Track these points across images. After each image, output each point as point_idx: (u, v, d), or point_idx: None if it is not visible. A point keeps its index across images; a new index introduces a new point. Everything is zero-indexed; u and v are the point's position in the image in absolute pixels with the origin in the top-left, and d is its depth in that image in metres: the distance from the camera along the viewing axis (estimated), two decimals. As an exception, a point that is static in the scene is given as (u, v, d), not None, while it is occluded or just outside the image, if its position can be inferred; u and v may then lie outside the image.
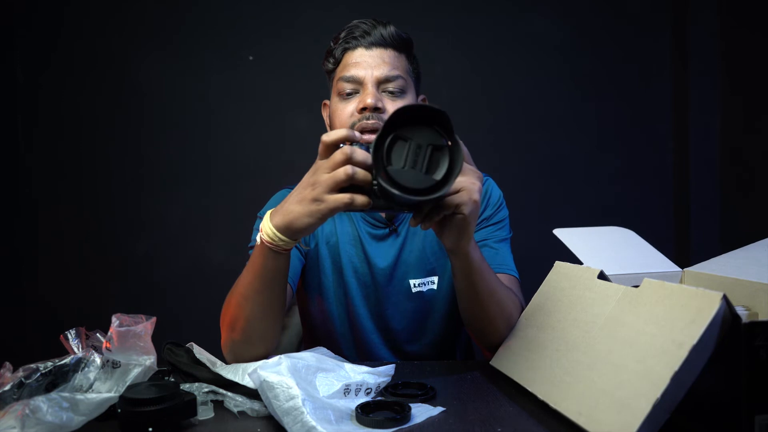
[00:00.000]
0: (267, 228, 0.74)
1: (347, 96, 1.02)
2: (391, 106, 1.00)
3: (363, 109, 0.99)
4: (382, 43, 1.02)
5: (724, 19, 2.15)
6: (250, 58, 2.13)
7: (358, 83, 1.01)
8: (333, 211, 0.70)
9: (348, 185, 0.69)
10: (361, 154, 0.69)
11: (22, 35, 2.06)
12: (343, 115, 1.02)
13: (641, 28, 2.23)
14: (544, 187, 2.21)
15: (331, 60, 1.06)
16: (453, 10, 2.17)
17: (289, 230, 0.73)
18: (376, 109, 0.98)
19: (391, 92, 1.01)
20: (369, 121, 0.98)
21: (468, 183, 0.72)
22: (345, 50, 1.04)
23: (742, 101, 2.10)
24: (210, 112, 2.12)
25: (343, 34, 1.05)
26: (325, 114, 1.14)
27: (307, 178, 0.72)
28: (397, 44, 1.04)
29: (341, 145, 0.70)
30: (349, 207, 0.69)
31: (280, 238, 0.74)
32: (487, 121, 2.19)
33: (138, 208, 2.10)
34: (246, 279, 0.82)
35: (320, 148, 0.71)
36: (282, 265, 0.79)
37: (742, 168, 2.10)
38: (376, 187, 0.68)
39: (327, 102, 1.13)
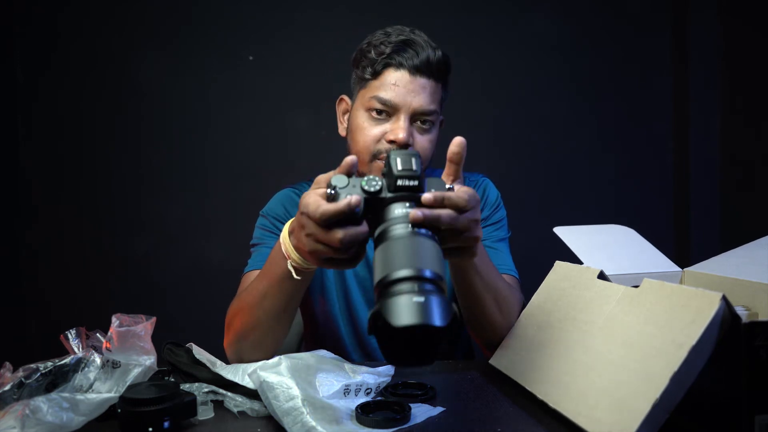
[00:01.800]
0: (293, 254, 0.71)
1: (377, 116, 0.97)
2: (419, 140, 0.98)
3: (392, 141, 0.96)
4: (428, 72, 0.96)
5: (724, 19, 2.15)
6: (250, 58, 2.13)
7: (393, 108, 0.96)
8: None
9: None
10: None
11: (22, 35, 2.06)
12: (369, 137, 0.97)
13: (641, 28, 2.23)
14: (544, 187, 2.21)
15: (369, 69, 0.98)
16: (453, 10, 2.17)
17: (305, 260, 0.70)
18: (405, 145, 0.96)
19: (422, 124, 0.98)
20: None
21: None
22: (387, 65, 0.97)
23: (742, 101, 2.10)
24: (210, 112, 2.12)
25: (389, 50, 0.96)
26: (339, 109, 1.09)
27: (299, 231, 0.66)
28: (440, 74, 0.99)
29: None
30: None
31: (307, 264, 0.71)
32: (487, 121, 2.19)
33: (138, 208, 2.10)
34: (263, 288, 0.79)
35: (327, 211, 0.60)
36: (305, 283, 0.78)
37: (742, 168, 2.10)
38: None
39: (346, 99, 1.08)
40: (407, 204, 0.59)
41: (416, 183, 0.59)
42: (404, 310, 0.48)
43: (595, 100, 2.22)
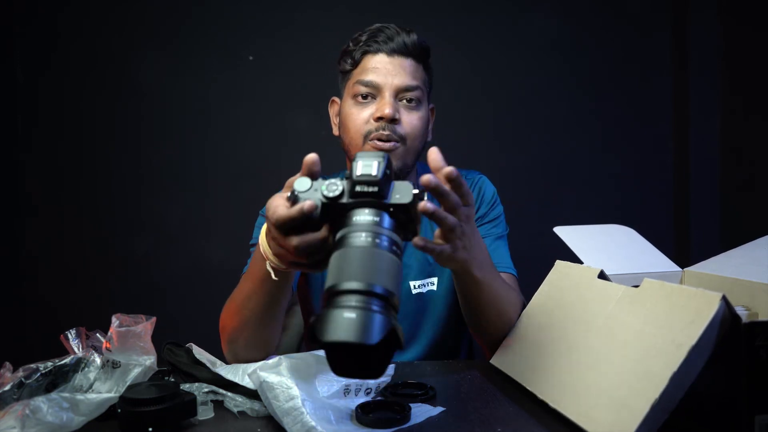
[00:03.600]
0: (270, 255, 0.69)
1: (363, 100, 1.00)
2: (407, 116, 1.00)
3: (379, 118, 0.98)
4: (404, 52, 1.01)
5: (724, 19, 2.15)
6: (250, 58, 2.13)
7: (376, 89, 1.00)
8: None
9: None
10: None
11: (22, 35, 2.06)
12: (358, 120, 1.00)
13: (641, 28, 2.23)
14: (544, 187, 2.21)
15: (349, 60, 1.04)
16: (453, 9, 2.17)
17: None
18: (392, 120, 0.98)
19: (408, 101, 1.00)
20: (384, 132, 0.98)
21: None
22: (365, 53, 1.02)
23: (742, 101, 2.10)
24: (210, 112, 2.12)
25: (364, 37, 1.02)
26: (332, 111, 1.12)
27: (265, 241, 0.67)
28: (418, 54, 1.02)
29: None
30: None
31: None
32: (487, 121, 2.19)
33: (138, 208, 2.10)
34: (248, 290, 0.80)
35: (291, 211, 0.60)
36: (287, 283, 0.78)
37: (742, 168, 2.10)
38: None
39: (336, 99, 1.11)
40: (367, 211, 0.57)
41: (376, 189, 0.57)
42: (333, 325, 0.47)
43: (595, 100, 2.22)
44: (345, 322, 0.47)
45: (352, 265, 0.52)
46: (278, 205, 0.61)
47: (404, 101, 1.00)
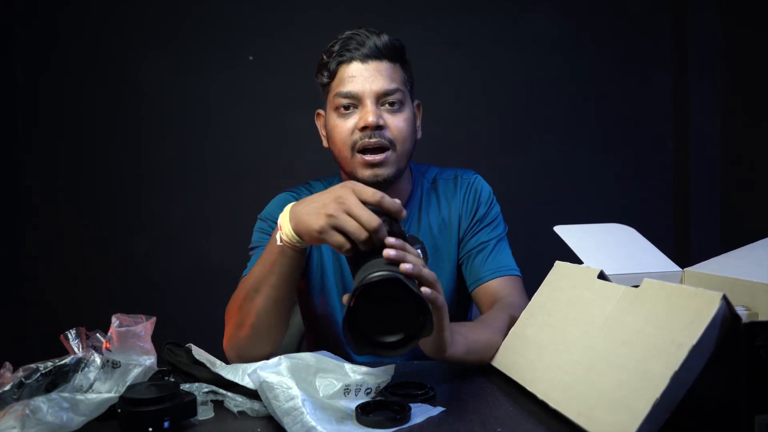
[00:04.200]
0: (287, 229, 0.77)
1: (345, 111, 1.00)
2: (392, 120, 0.99)
3: (364, 128, 0.97)
4: (377, 55, 0.99)
5: (724, 19, 2.15)
6: (250, 58, 2.13)
7: (356, 99, 0.98)
8: (323, 242, 0.73)
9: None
10: (389, 203, 0.72)
11: (22, 35, 2.06)
12: (343, 132, 1.00)
13: (641, 28, 2.23)
14: (544, 187, 2.21)
15: (326, 73, 1.03)
16: (453, 9, 2.17)
17: (299, 234, 0.76)
18: (378, 127, 0.97)
19: (390, 105, 0.99)
20: (371, 140, 0.97)
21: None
22: (339, 63, 1.00)
23: (742, 101, 2.10)
24: (210, 112, 2.12)
25: (336, 47, 1.01)
26: (319, 124, 1.12)
27: (332, 195, 0.73)
28: (392, 54, 1.01)
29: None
30: (338, 250, 0.72)
31: (297, 240, 0.77)
32: (487, 121, 2.19)
33: (138, 208, 2.10)
34: (259, 273, 0.83)
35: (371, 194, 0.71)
36: (299, 262, 0.82)
37: (742, 168, 2.10)
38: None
39: (321, 112, 1.10)
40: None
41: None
42: (373, 270, 0.62)
43: (595, 100, 2.22)
44: (384, 268, 0.62)
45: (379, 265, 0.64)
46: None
47: (386, 105, 0.99)
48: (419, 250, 0.73)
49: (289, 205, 0.79)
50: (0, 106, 2.03)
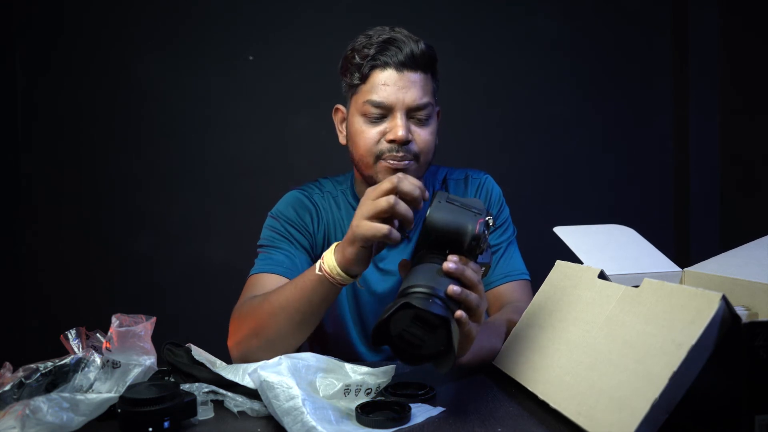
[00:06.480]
0: (329, 261, 0.77)
1: (373, 118, 0.96)
2: (419, 133, 0.97)
3: (392, 140, 0.95)
4: (413, 65, 0.95)
5: (724, 19, 2.15)
6: (250, 58, 2.13)
7: (387, 109, 0.95)
8: (367, 240, 0.73)
9: (389, 216, 0.72)
10: (408, 185, 0.71)
11: (22, 35, 2.06)
12: (369, 140, 0.97)
13: (641, 28, 2.23)
14: (544, 187, 2.21)
15: (357, 75, 0.97)
16: (453, 10, 2.17)
17: (343, 265, 0.77)
18: (406, 142, 0.95)
19: (418, 118, 0.97)
20: (398, 154, 0.95)
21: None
22: (373, 68, 0.95)
23: (742, 101, 2.10)
24: (210, 112, 2.12)
25: (372, 51, 0.95)
26: (337, 119, 1.08)
27: (365, 201, 0.75)
28: (426, 64, 0.98)
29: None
30: (386, 238, 0.71)
31: (338, 273, 0.77)
32: (487, 121, 2.19)
33: (138, 207, 2.10)
34: (290, 294, 0.82)
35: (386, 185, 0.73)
36: (333, 296, 0.81)
37: (742, 168, 2.10)
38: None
39: (341, 108, 1.06)
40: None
41: None
42: (422, 296, 0.64)
43: (595, 100, 2.22)
44: (429, 294, 0.64)
45: (421, 277, 0.66)
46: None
47: (415, 118, 0.97)
48: (485, 253, 0.72)
49: (335, 244, 0.79)
50: (0, 106, 2.03)
